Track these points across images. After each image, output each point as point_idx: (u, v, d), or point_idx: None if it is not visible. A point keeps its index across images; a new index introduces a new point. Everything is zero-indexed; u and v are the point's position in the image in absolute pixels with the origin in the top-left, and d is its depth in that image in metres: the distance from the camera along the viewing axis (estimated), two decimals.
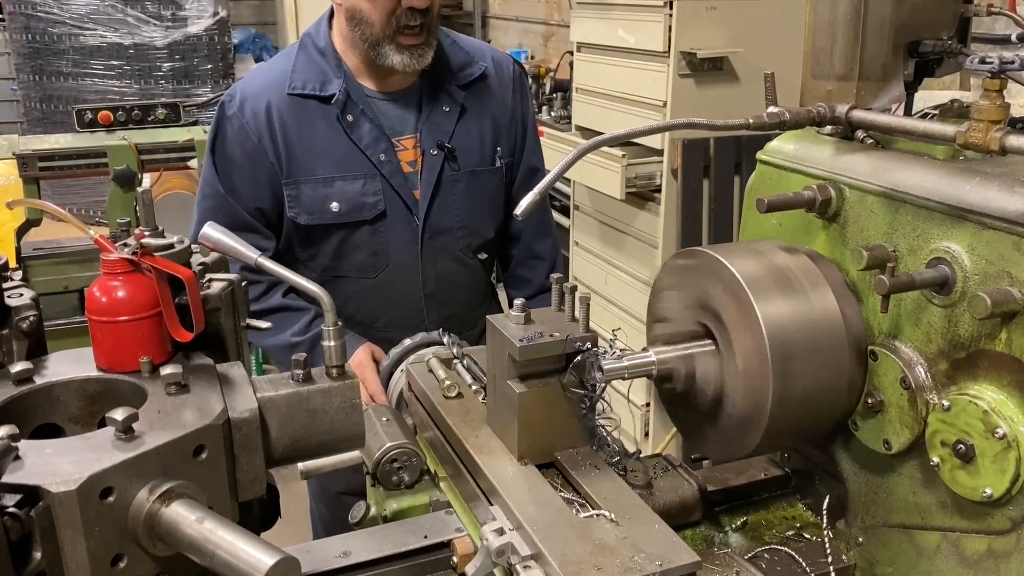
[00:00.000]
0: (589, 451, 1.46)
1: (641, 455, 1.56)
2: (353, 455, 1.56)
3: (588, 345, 1.39)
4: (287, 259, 2.33)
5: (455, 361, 1.77)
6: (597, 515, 1.29)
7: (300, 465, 1.53)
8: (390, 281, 2.35)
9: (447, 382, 1.65)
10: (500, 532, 1.28)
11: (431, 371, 1.73)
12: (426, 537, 1.46)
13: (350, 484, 2.21)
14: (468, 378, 1.70)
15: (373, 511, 1.62)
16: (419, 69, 2.23)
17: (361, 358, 2.18)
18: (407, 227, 2.31)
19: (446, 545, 1.45)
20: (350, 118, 2.24)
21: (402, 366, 1.95)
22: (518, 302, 1.43)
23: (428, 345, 1.95)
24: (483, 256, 2.49)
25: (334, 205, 2.24)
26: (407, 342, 1.98)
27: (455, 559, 1.41)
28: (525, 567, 1.23)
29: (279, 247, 2.33)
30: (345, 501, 1.87)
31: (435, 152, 2.31)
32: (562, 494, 1.36)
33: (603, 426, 1.48)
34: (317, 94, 2.24)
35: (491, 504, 1.38)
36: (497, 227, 2.50)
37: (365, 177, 2.25)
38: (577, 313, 1.43)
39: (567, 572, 1.16)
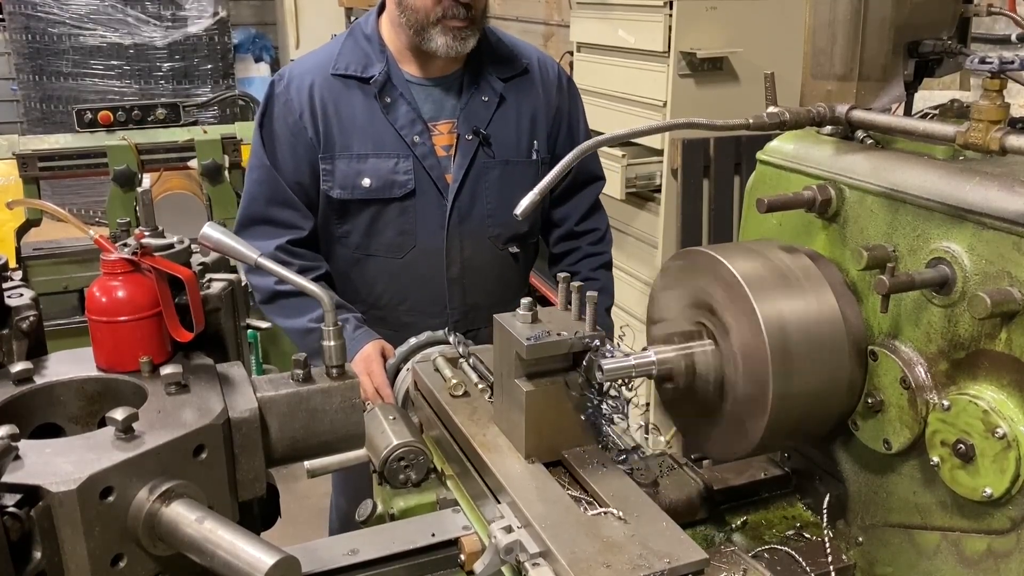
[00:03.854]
0: (596, 449, 1.46)
1: (643, 451, 1.56)
2: (359, 454, 1.55)
3: (596, 343, 1.39)
4: (324, 236, 2.43)
5: (461, 360, 1.77)
6: (605, 513, 1.29)
7: (306, 464, 1.53)
8: (416, 263, 2.40)
9: (453, 381, 1.65)
10: (508, 530, 1.29)
11: (437, 370, 1.74)
12: (433, 535, 1.45)
13: None
14: (474, 377, 1.70)
15: (380, 509, 1.62)
16: (462, 53, 2.29)
17: (369, 352, 2.20)
18: (436, 209, 2.37)
19: (454, 543, 1.44)
20: (388, 100, 2.33)
21: (408, 364, 1.96)
22: (525, 300, 1.43)
23: (434, 344, 1.95)
24: (514, 250, 2.51)
25: (366, 181, 2.32)
26: (412, 341, 1.99)
27: (463, 557, 1.41)
28: (534, 564, 1.23)
29: (317, 224, 2.41)
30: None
31: (470, 138, 2.37)
32: (570, 492, 1.36)
33: (609, 426, 1.48)
34: (358, 75, 2.34)
35: (499, 502, 1.38)
36: (532, 223, 2.54)
37: (398, 156, 2.33)
38: (584, 312, 1.42)
39: (576, 570, 1.16)
